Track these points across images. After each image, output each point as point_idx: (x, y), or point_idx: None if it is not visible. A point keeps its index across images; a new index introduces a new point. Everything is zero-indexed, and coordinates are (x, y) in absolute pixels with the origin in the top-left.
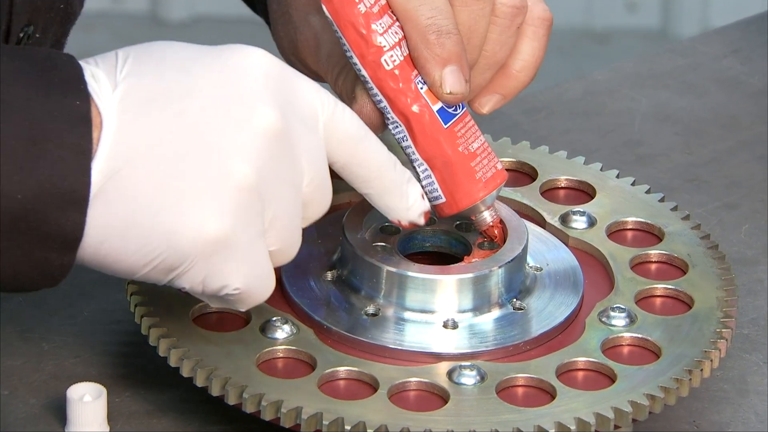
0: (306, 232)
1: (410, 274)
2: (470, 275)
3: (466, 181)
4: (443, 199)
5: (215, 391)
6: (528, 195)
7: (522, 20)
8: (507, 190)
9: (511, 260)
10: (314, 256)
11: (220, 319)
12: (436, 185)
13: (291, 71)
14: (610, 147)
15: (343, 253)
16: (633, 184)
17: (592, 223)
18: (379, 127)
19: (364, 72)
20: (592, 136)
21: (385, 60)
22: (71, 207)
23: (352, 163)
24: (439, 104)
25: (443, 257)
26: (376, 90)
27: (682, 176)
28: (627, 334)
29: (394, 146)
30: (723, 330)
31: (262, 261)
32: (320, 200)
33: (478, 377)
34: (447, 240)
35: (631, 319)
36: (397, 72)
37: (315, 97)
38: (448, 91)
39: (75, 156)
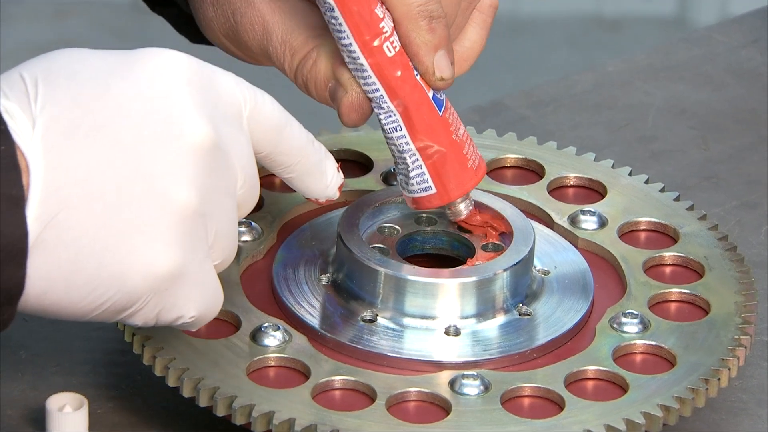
0: (299, 233)
1: (409, 277)
2: (473, 279)
3: (458, 170)
4: (433, 190)
5: (203, 402)
6: (535, 194)
7: (476, 4)
8: (513, 188)
9: (517, 263)
10: (308, 258)
11: (209, 325)
12: (427, 176)
13: (209, 70)
14: (622, 143)
15: (339, 255)
16: (646, 182)
17: (603, 223)
18: (368, 116)
19: (362, 60)
20: (603, 131)
21: (387, 47)
22: (10, 262)
23: (275, 152)
24: (432, 91)
25: (445, 260)
26: (374, 78)
27: (699, 174)
28: (640, 342)
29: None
30: (742, 337)
31: (211, 280)
32: (252, 197)
33: (481, 387)
34: (449, 242)
35: (644, 326)
36: (397, 59)
37: (237, 93)
38: (440, 77)
39: (8, 207)
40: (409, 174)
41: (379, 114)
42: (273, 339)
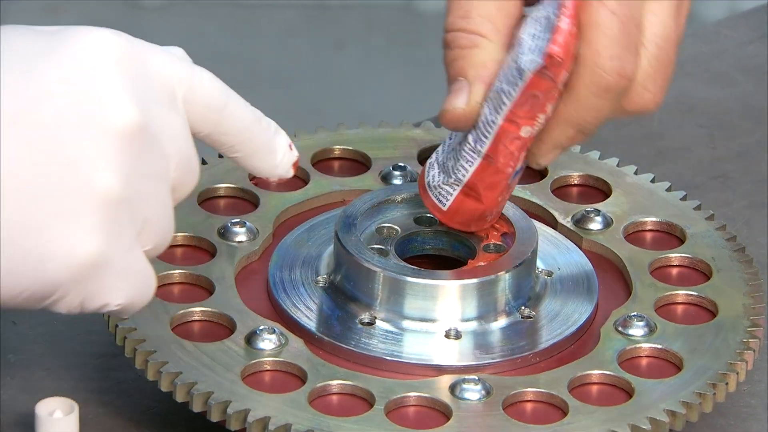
0: (296, 233)
1: (409, 279)
2: (474, 281)
3: (475, 217)
4: (444, 209)
5: (197, 407)
6: (538, 193)
7: None
8: (515, 188)
9: (519, 264)
10: (304, 259)
11: (202, 328)
12: (450, 199)
13: (140, 49)
14: (628, 140)
15: (336, 256)
16: (653, 181)
17: (607, 223)
18: (460, 131)
19: (500, 117)
20: (607, 129)
21: (526, 129)
22: None
23: (216, 132)
24: (521, 164)
25: (445, 261)
26: (492, 134)
27: (707, 172)
28: (645, 345)
29: None
30: (750, 340)
31: (141, 267)
32: (189, 179)
33: (483, 392)
34: (449, 242)
35: (650, 329)
36: (523, 140)
37: (171, 72)
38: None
39: None
40: (440, 183)
41: (466, 145)
42: (268, 342)
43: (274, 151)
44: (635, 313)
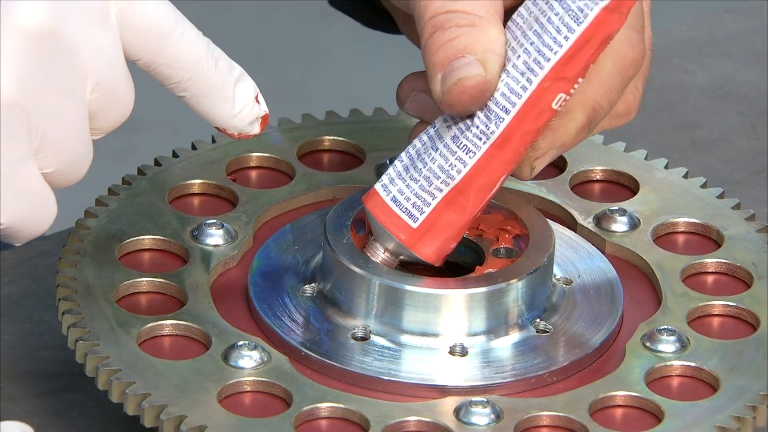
0: (280, 236)
1: (408, 288)
2: (483, 290)
3: (449, 239)
4: (415, 225)
5: None
6: (555, 190)
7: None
8: (529, 184)
9: (534, 271)
10: (289, 266)
11: (174, 344)
12: (429, 209)
13: None
14: (658, 130)
15: (326, 262)
16: (686, 176)
17: (634, 224)
18: (476, 109)
19: (534, 82)
20: (635, 117)
21: (558, 98)
22: None
23: (156, 61)
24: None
25: (450, 267)
26: (516, 106)
27: (747, 167)
28: (677, 363)
29: None
30: None
31: (33, 187)
32: (114, 107)
33: (492, 416)
34: (455, 246)
35: (683, 344)
36: (548, 116)
37: None
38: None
39: None
40: (413, 194)
41: (469, 131)
42: (249, 360)
43: (231, 98)
44: (665, 327)
